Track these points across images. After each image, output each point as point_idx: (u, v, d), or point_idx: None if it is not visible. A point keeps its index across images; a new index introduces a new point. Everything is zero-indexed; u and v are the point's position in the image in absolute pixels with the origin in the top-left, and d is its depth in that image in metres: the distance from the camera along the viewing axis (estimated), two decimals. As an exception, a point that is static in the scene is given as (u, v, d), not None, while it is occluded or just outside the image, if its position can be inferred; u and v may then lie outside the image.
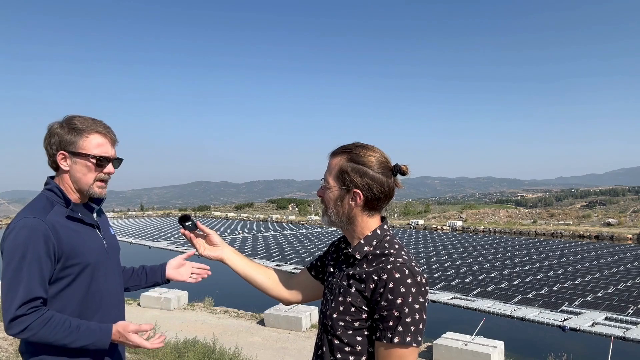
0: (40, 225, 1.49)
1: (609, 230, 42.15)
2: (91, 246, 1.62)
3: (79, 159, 1.60)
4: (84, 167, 1.61)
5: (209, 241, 1.63)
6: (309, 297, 1.63)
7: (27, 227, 1.48)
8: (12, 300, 1.43)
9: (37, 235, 1.47)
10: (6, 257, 1.47)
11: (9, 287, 1.44)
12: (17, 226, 1.49)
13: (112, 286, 1.69)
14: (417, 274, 1.25)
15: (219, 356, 5.76)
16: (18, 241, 1.46)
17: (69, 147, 1.59)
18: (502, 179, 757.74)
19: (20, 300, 1.42)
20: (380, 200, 1.35)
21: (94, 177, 1.63)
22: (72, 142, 1.59)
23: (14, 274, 1.45)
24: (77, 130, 1.59)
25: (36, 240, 1.47)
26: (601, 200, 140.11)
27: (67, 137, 1.58)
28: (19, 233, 1.47)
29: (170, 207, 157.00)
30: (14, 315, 1.41)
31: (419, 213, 72.51)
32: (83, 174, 1.61)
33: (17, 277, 1.44)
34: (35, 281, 1.45)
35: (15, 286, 1.44)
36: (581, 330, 12.06)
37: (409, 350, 1.21)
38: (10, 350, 5.39)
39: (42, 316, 1.44)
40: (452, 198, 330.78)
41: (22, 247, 1.46)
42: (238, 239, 37.75)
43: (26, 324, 1.42)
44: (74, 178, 1.62)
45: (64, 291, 1.55)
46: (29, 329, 1.42)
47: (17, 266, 1.45)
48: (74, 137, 1.59)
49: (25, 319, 1.42)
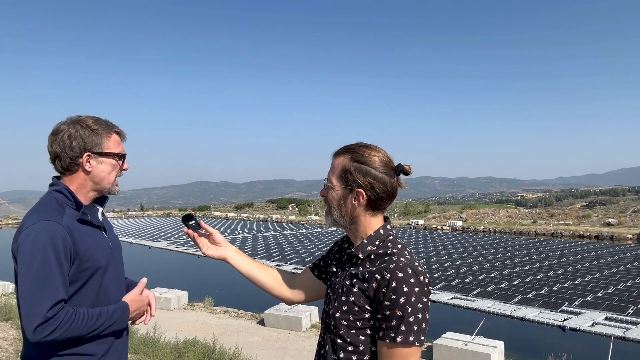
0: (59, 229, 1.48)
1: (609, 230, 42.17)
2: (101, 248, 1.63)
3: (106, 158, 1.64)
4: (109, 165, 1.65)
5: (212, 240, 1.62)
6: (311, 297, 1.63)
7: (46, 230, 1.47)
8: (39, 303, 1.41)
9: (57, 238, 1.47)
10: (26, 261, 1.45)
11: (32, 290, 1.42)
12: (35, 229, 1.47)
13: (117, 286, 1.70)
14: (420, 274, 1.25)
15: (219, 356, 5.76)
16: (38, 244, 1.45)
17: (95, 148, 1.62)
18: (502, 179, 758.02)
19: (50, 302, 1.41)
20: (383, 200, 1.35)
21: (115, 175, 1.68)
22: (98, 143, 1.62)
23: (37, 277, 1.43)
24: (99, 132, 1.63)
25: (56, 243, 1.46)
26: (601, 200, 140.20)
27: (92, 139, 1.61)
28: (39, 235, 1.46)
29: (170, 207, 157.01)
30: (46, 318, 1.40)
31: (419, 213, 72.52)
32: (108, 172, 1.65)
33: (42, 280, 1.43)
34: (59, 283, 1.45)
35: (41, 289, 1.42)
36: (581, 330, 12.07)
37: (412, 349, 1.21)
38: (10, 350, 5.39)
39: (67, 313, 1.44)
40: (452, 198, 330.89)
41: (43, 250, 1.44)
42: (238, 239, 37.76)
43: (56, 324, 1.41)
44: (97, 178, 1.64)
45: (78, 293, 1.55)
46: (59, 328, 1.41)
47: (40, 269, 1.44)
48: (99, 138, 1.63)
49: (55, 320, 1.42)
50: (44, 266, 1.44)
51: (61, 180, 1.65)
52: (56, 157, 1.61)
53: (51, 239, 1.46)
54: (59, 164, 1.62)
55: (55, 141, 1.61)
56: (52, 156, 1.63)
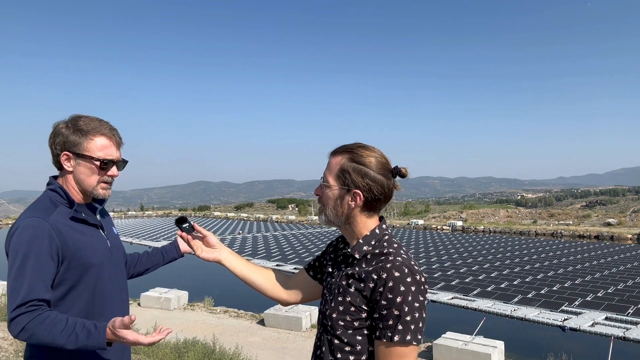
0: (44, 226, 1.48)
1: (609, 230, 42.15)
2: (95, 247, 1.61)
3: (83, 161, 1.59)
4: (87, 169, 1.60)
5: (206, 243, 1.61)
6: (307, 298, 1.63)
7: (31, 227, 1.47)
8: (13, 300, 1.41)
9: (41, 235, 1.46)
10: (10, 257, 1.47)
11: (12, 288, 1.43)
12: (20, 225, 1.48)
13: (116, 286, 1.69)
14: (416, 273, 1.25)
15: (219, 356, 5.76)
16: (21, 240, 1.45)
17: (73, 148, 1.58)
18: (502, 179, 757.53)
19: (20, 300, 1.40)
20: (379, 201, 1.35)
21: (98, 179, 1.63)
22: (77, 143, 1.58)
23: (16, 273, 1.43)
24: (82, 132, 1.58)
25: (40, 240, 1.46)
26: (601, 200, 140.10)
27: (71, 138, 1.57)
28: (23, 232, 1.46)
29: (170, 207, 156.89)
30: (11, 317, 1.39)
31: (419, 213, 72.49)
32: (87, 175, 1.61)
33: (20, 277, 1.43)
34: (36, 281, 1.43)
35: (17, 287, 1.42)
36: (581, 330, 12.06)
37: (409, 348, 1.21)
38: (10, 350, 5.39)
39: (39, 316, 1.40)
40: (452, 198, 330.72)
41: (25, 247, 1.44)
42: (238, 239, 37.75)
43: (22, 325, 1.38)
44: (77, 179, 1.62)
45: (70, 293, 1.54)
46: (25, 329, 1.38)
47: (19, 266, 1.44)
48: (79, 139, 1.58)
49: (21, 319, 1.39)
50: (22, 263, 1.43)
51: (57, 179, 1.65)
52: (51, 154, 1.63)
53: (35, 237, 1.45)
54: (52, 161, 1.64)
55: (49, 138, 1.62)
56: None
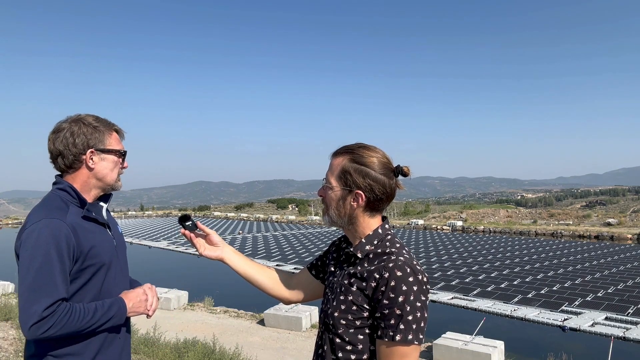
0: (62, 226, 1.49)
1: (609, 230, 42.17)
2: (105, 246, 1.63)
3: (108, 155, 1.67)
4: (111, 162, 1.68)
5: (209, 241, 1.63)
6: (309, 297, 1.63)
7: (49, 228, 1.47)
8: (36, 301, 1.40)
9: (59, 236, 1.47)
10: (27, 258, 1.45)
11: (31, 288, 1.42)
12: (38, 227, 1.48)
13: (120, 285, 1.70)
14: (418, 273, 1.26)
15: (219, 356, 5.76)
16: (40, 241, 1.45)
17: (98, 145, 1.65)
18: (502, 179, 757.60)
19: (49, 301, 1.41)
20: (382, 201, 1.35)
21: (118, 172, 1.72)
22: (101, 139, 1.66)
23: (37, 274, 1.43)
24: (101, 129, 1.67)
25: (59, 241, 1.46)
26: (601, 200, 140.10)
27: (95, 136, 1.65)
28: (41, 233, 1.46)
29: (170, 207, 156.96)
30: (42, 317, 1.39)
31: (419, 213, 72.51)
32: (110, 169, 1.68)
33: (42, 277, 1.43)
34: (59, 282, 1.45)
35: (40, 287, 1.42)
36: (581, 330, 12.07)
37: (411, 348, 1.21)
38: (10, 350, 5.39)
39: (64, 310, 1.44)
40: (452, 198, 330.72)
41: (45, 248, 1.44)
42: (238, 239, 37.76)
43: (52, 322, 1.41)
44: (100, 174, 1.66)
45: (80, 291, 1.56)
46: (54, 325, 1.41)
47: (40, 267, 1.43)
48: (102, 135, 1.66)
49: (50, 317, 1.41)
50: (45, 264, 1.44)
51: (64, 178, 1.65)
52: (58, 155, 1.62)
53: (54, 236, 1.46)
54: (62, 162, 1.62)
55: (57, 139, 1.61)
56: (54, 154, 1.63)
